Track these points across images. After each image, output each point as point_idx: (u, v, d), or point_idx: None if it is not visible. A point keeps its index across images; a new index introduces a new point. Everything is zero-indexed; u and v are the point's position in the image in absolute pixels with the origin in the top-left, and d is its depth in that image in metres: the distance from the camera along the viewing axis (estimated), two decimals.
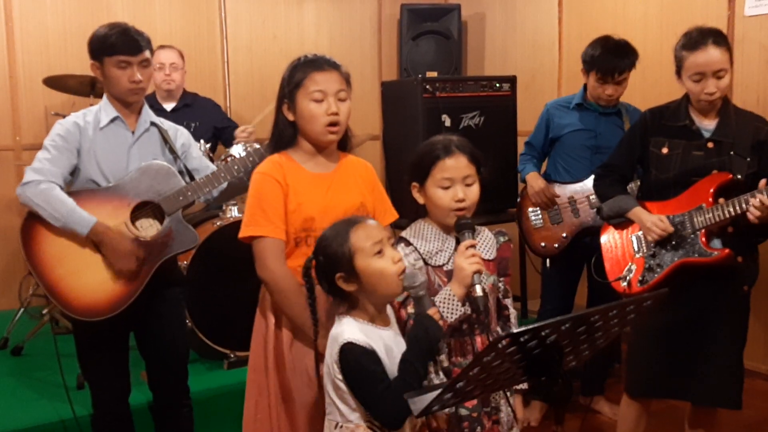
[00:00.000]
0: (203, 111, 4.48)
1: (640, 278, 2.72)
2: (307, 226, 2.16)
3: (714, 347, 2.63)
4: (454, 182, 2.07)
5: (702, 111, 2.67)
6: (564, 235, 3.52)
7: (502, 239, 2.23)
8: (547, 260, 3.57)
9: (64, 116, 4.12)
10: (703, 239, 2.60)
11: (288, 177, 2.20)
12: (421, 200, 2.14)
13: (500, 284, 2.21)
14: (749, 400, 2.75)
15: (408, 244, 2.12)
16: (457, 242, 2.11)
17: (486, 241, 2.19)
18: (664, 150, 2.70)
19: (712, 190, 2.59)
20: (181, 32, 5.04)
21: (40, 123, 4.66)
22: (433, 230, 2.14)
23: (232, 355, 3.50)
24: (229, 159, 3.65)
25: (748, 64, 3.96)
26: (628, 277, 2.73)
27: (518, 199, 3.76)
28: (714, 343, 2.63)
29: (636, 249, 2.77)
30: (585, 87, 3.55)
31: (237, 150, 3.88)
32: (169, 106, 4.38)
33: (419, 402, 1.73)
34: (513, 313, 2.28)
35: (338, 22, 5.68)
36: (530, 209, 3.64)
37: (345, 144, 2.34)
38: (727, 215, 2.54)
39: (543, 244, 3.57)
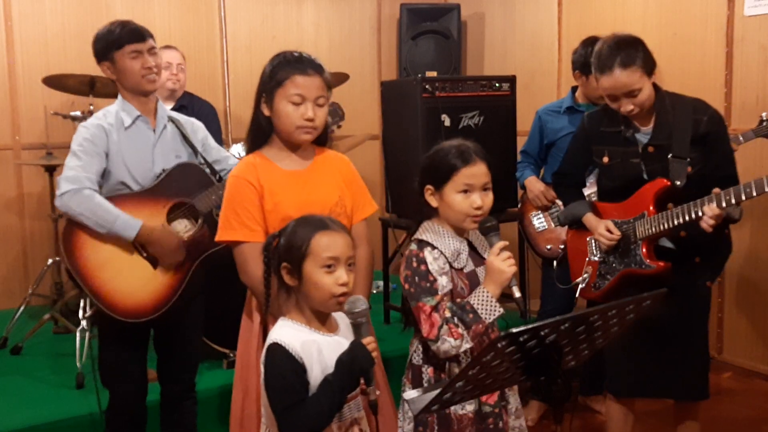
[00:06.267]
0: (198, 116, 4.44)
1: (594, 284, 2.73)
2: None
3: (676, 345, 2.62)
4: (474, 189, 2.09)
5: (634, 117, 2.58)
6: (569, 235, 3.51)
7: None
8: (554, 262, 3.53)
9: (63, 116, 4.19)
10: (644, 250, 2.55)
11: (262, 178, 2.20)
12: (434, 203, 2.14)
13: None
14: (749, 400, 2.75)
15: (434, 248, 2.10)
16: (469, 244, 2.16)
17: (480, 243, 2.21)
18: (605, 159, 2.65)
19: (651, 198, 2.53)
20: (180, 32, 5.03)
21: (40, 122, 4.66)
22: (448, 232, 2.14)
23: (231, 355, 3.49)
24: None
25: (747, 64, 3.95)
26: (585, 280, 2.73)
27: (519, 206, 3.74)
28: (676, 340, 2.62)
29: (592, 252, 2.77)
30: (573, 90, 3.56)
31: (236, 149, 3.87)
32: (167, 106, 4.35)
33: (419, 401, 1.73)
34: None
35: (337, 22, 5.68)
36: (532, 214, 3.63)
37: (322, 139, 2.32)
38: (667, 226, 2.47)
39: (549, 246, 3.55)
